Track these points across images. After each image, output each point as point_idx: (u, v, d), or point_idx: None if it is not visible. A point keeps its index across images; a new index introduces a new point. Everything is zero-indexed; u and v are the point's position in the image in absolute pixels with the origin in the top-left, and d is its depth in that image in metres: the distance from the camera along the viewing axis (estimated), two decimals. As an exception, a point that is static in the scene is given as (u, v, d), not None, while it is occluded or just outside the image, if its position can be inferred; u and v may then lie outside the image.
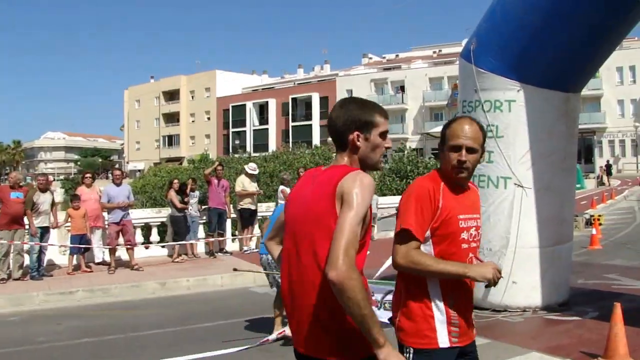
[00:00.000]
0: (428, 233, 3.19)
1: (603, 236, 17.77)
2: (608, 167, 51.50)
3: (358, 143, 2.89)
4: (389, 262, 9.41)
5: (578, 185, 42.28)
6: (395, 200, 24.53)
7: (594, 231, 16.79)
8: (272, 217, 8.69)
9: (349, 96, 3.04)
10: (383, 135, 2.94)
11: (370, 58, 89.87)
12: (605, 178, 49.62)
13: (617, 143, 67.11)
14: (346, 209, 2.66)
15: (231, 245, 16.78)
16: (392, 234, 3.90)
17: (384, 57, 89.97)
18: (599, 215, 21.07)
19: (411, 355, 3.16)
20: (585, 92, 60.75)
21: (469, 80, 8.71)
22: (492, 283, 3.16)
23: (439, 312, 3.18)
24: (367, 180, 2.75)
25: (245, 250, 16.15)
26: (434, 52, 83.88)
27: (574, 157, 9.29)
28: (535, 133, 8.34)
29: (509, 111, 8.44)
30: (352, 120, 2.89)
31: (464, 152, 3.24)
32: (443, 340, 3.17)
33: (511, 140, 8.42)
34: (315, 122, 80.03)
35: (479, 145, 3.30)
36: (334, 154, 3.05)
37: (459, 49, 9.31)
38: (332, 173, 2.83)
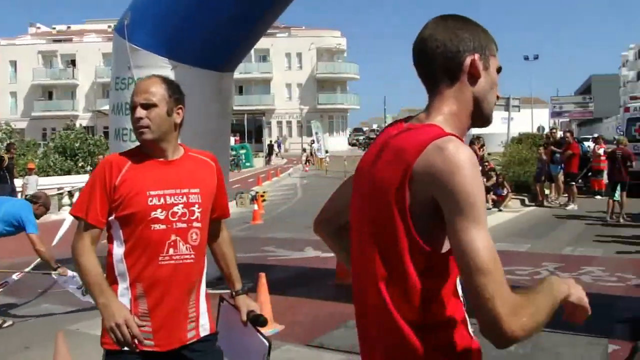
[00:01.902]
0: (112, 217, 2.83)
1: (266, 211, 18.88)
2: (270, 147, 54.71)
3: (479, 69, 1.87)
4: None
5: (248, 164, 44.40)
6: (62, 180, 23.45)
7: (256, 207, 17.82)
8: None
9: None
10: (498, 72, 1.96)
11: (39, 28, 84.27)
12: (272, 157, 52.70)
13: (284, 124, 71.70)
14: (463, 220, 1.66)
15: None
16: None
17: (53, 28, 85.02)
18: (264, 192, 22.26)
19: (103, 358, 2.83)
20: (256, 75, 63.28)
21: (123, 56, 8.44)
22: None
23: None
24: (469, 156, 1.71)
25: None
26: (109, 27, 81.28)
27: (228, 136, 9.63)
28: (190, 112, 8.37)
29: (163, 89, 8.40)
30: (469, 38, 1.87)
31: (139, 109, 2.89)
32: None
33: (165, 118, 8.37)
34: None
35: (158, 100, 2.90)
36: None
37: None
38: (406, 139, 1.82)
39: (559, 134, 20.66)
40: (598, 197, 18.88)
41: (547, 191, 19.11)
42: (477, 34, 1.89)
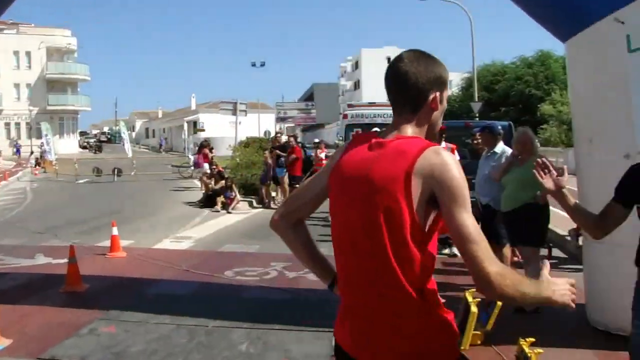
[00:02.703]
0: None
1: (-6, 217, 17.53)
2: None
3: (437, 103, 2.44)
4: None
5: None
6: None
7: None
8: None
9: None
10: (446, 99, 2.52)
11: None
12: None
13: (13, 125, 67.02)
14: (456, 207, 2.23)
15: None
16: None
17: None
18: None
19: None
20: (-22, 74, 57.33)
21: None
22: None
23: None
24: (456, 159, 2.31)
25: None
26: None
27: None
28: None
29: None
30: (434, 78, 2.41)
31: None
32: None
33: None
34: None
35: None
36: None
37: None
38: (404, 145, 2.33)
39: (284, 138, 21.48)
40: (320, 197, 19.99)
41: (273, 193, 19.80)
42: (441, 73, 2.44)
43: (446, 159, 2.25)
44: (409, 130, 2.41)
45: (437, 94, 2.43)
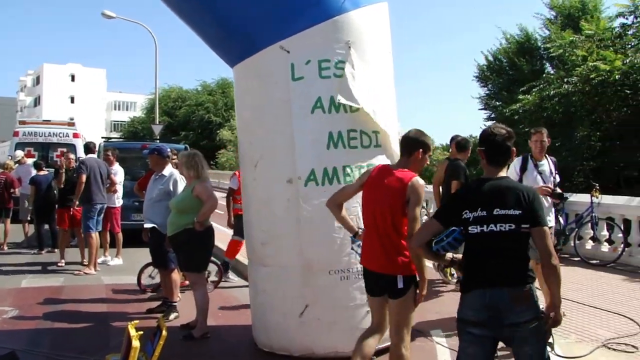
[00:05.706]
0: None
1: None
2: None
3: (420, 156, 4.90)
4: None
5: None
6: None
7: None
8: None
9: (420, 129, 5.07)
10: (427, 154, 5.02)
11: None
12: None
13: None
14: (416, 206, 4.65)
15: None
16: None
17: None
18: None
19: None
20: None
21: None
22: None
23: None
24: (422, 182, 4.75)
25: None
26: None
27: None
28: None
29: None
30: (422, 141, 4.92)
31: None
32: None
33: None
34: None
35: None
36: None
37: None
38: (403, 174, 4.78)
39: None
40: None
41: None
42: (427, 141, 4.96)
43: (419, 182, 4.69)
44: (406, 166, 4.85)
45: (421, 151, 4.86)
